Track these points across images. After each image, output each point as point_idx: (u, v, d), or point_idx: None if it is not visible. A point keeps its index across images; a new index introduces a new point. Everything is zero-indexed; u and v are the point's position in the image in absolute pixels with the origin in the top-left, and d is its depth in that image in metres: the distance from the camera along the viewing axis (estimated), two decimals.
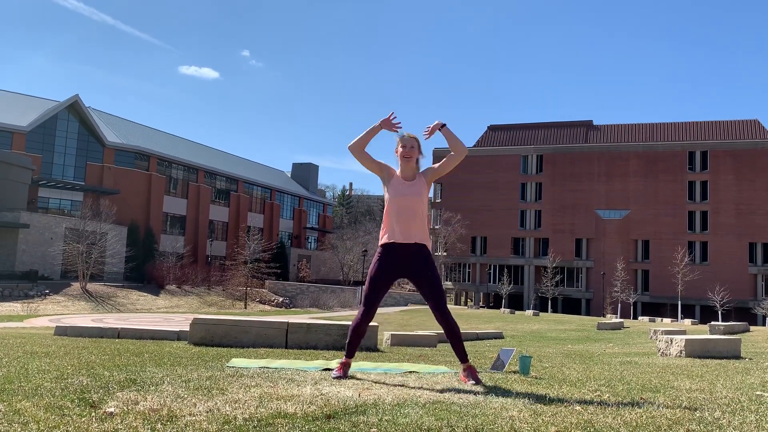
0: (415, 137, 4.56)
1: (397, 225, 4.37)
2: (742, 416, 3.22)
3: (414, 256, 4.36)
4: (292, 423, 2.73)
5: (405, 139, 4.51)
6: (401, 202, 4.39)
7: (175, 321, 27.96)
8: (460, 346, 4.42)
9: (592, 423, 2.91)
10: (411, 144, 4.50)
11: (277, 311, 50.00)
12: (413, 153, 4.49)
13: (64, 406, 3.00)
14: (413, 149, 4.50)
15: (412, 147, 4.49)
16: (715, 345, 8.01)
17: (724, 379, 5.07)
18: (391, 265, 4.37)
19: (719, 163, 69.76)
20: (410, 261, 4.36)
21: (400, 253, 4.36)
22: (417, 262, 4.36)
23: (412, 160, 4.48)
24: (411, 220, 4.37)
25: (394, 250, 4.37)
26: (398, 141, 4.54)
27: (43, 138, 55.93)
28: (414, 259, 4.36)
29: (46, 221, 49.19)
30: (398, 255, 4.36)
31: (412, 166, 4.50)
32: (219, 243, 70.98)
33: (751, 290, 66.73)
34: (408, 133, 4.56)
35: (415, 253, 4.36)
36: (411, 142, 4.51)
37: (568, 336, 19.69)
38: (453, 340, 4.43)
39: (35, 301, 40.29)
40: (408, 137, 4.52)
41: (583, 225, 74.08)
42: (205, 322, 8.00)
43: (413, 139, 4.53)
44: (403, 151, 4.48)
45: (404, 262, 4.37)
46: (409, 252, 4.36)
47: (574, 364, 6.72)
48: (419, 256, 4.37)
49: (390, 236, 4.39)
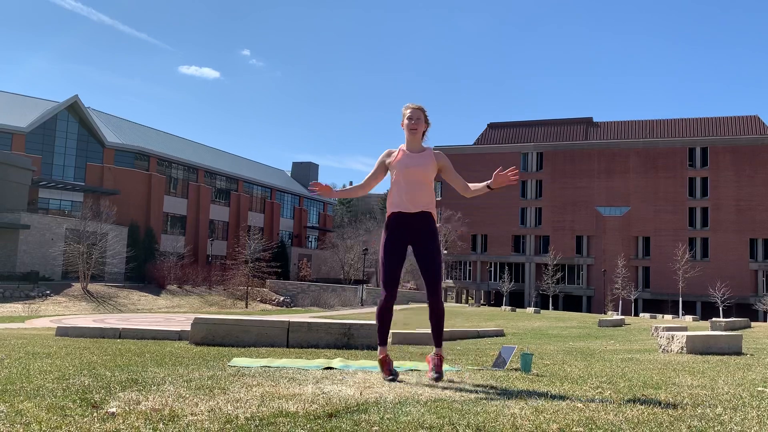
0: (421, 108, 4.50)
1: (404, 194, 4.36)
2: (743, 412, 3.21)
3: (420, 224, 4.37)
4: (293, 422, 2.73)
5: (411, 111, 4.46)
6: (407, 172, 4.37)
7: (176, 321, 27.96)
8: (440, 331, 4.41)
9: (594, 420, 2.91)
10: (417, 116, 4.45)
11: (278, 310, 50.03)
12: (419, 125, 4.44)
13: (65, 406, 3.00)
14: (419, 121, 4.44)
15: (418, 119, 4.44)
16: (717, 341, 8.01)
17: (725, 376, 5.07)
18: (401, 234, 4.37)
19: (719, 159, 69.72)
20: (417, 229, 4.37)
21: (407, 220, 4.37)
22: (423, 232, 4.37)
23: (418, 132, 4.44)
24: (417, 189, 4.36)
25: (402, 218, 4.37)
26: (404, 112, 4.49)
27: (43, 139, 55.94)
28: (420, 227, 4.37)
29: (46, 222, 49.20)
30: (406, 222, 4.37)
31: (419, 138, 4.46)
32: (219, 243, 71.00)
33: (752, 286, 66.71)
34: (413, 104, 4.51)
35: (421, 220, 4.37)
36: (417, 114, 4.46)
37: (569, 333, 19.69)
38: (436, 323, 4.40)
39: (36, 302, 40.31)
40: (414, 108, 4.47)
41: (584, 222, 74.06)
42: (207, 321, 8.00)
43: (419, 111, 4.48)
44: (410, 123, 4.43)
45: (412, 229, 4.36)
46: (415, 220, 4.36)
47: (575, 361, 6.72)
48: (425, 225, 4.37)
49: (397, 205, 4.39)
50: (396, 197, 4.40)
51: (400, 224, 4.37)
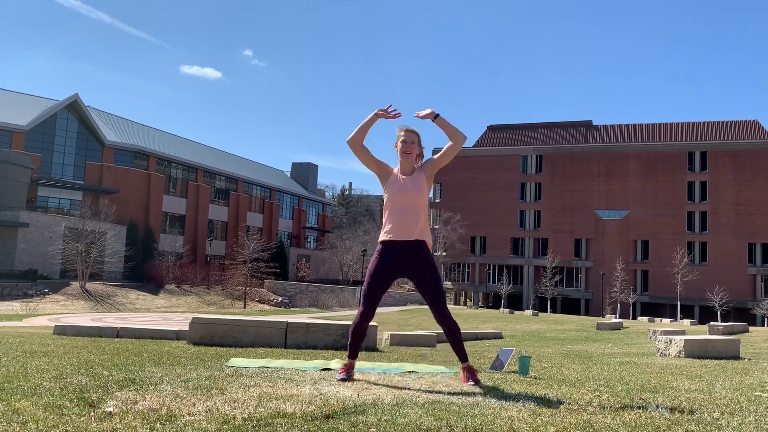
0: (416, 132, 4.46)
1: (396, 221, 4.30)
2: (741, 417, 3.22)
3: (414, 252, 4.28)
4: (291, 423, 2.73)
5: (405, 133, 4.41)
6: (400, 198, 4.32)
7: (174, 320, 27.94)
8: (460, 345, 4.37)
9: (591, 423, 2.91)
10: (411, 139, 4.40)
11: (276, 311, 50.00)
12: (413, 149, 4.39)
13: (63, 405, 3.00)
14: (413, 144, 4.39)
15: (412, 142, 4.39)
16: (714, 345, 8.01)
17: (723, 380, 5.07)
18: (391, 263, 4.28)
19: (719, 163, 69.78)
20: (410, 258, 4.28)
21: (400, 250, 4.28)
22: (416, 259, 4.28)
23: (411, 155, 4.39)
24: (410, 216, 4.29)
25: (394, 247, 4.29)
26: (398, 134, 4.44)
27: (43, 137, 55.91)
28: (413, 256, 4.28)
29: (45, 220, 49.17)
30: (398, 252, 4.28)
31: (412, 161, 4.41)
32: (218, 242, 70.96)
33: (750, 291, 66.75)
34: (408, 126, 4.45)
35: (414, 249, 4.28)
36: (411, 137, 4.41)
37: (568, 336, 19.70)
38: (452, 340, 4.37)
39: (34, 300, 40.27)
40: (408, 131, 4.42)
41: (583, 225, 74.09)
42: (205, 321, 7.99)
43: (413, 134, 4.43)
44: (403, 147, 4.38)
45: (404, 260, 4.28)
46: (408, 248, 4.28)
47: (573, 364, 6.72)
48: (419, 253, 4.29)
49: (389, 233, 4.31)
50: (390, 225, 4.33)
51: (393, 253, 4.30)
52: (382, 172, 4.48)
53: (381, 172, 4.48)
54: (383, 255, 4.32)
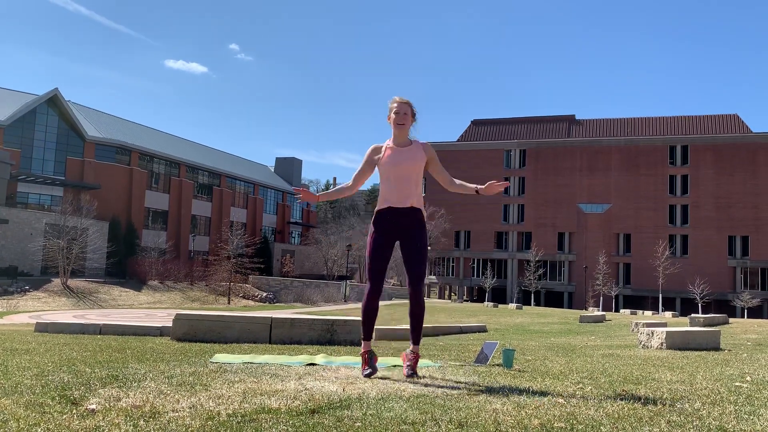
0: (408, 102, 4.43)
1: (392, 190, 4.33)
2: (721, 407, 3.26)
3: (408, 220, 4.32)
4: (276, 418, 2.72)
5: (398, 105, 4.38)
6: (394, 168, 4.33)
7: (157, 317, 27.72)
8: (419, 328, 4.39)
9: (575, 415, 2.93)
10: (404, 110, 4.37)
11: (260, 306, 49.81)
12: (406, 120, 4.37)
13: (44, 403, 2.97)
14: (406, 115, 4.37)
15: (405, 113, 4.37)
16: (695, 337, 8.10)
17: (703, 371, 5.13)
18: (388, 229, 4.32)
19: (699, 157, 70.56)
20: (404, 223, 4.32)
21: (396, 216, 4.32)
22: (411, 226, 4.32)
23: (405, 126, 4.38)
24: (406, 185, 4.32)
25: (392, 214, 4.32)
26: (390, 106, 4.42)
27: (22, 132, 55.13)
28: (408, 222, 4.32)
29: (25, 216, 48.55)
30: (393, 218, 4.32)
31: (406, 132, 4.40)
32: (202, 238, 70.54)
33: (730, 283, 67.66)
34: (400, 97, 4.42)
35: (409, 216, 4.32)
36: (404, 108, 4.38)
37: (551, 329, 19.83)
38: (414, 321, 4.38)
39: (15, 298, 39.77)
40: (401, 103, 4.39)
41: (566, 219, 74.62)
42: (188, 317, 7.95)
43: (406, 105, 4.40)
44: (396, 118, 4.36)
45: (398, 226, 4.32)
46: (403, 215, 4.32)
47: (556, 356, 6.77)
48: (414, 220, 4.33)
49: (385, 202, 4.34)
50: (386, 193, 4.36)
51: (389, 220, 4.33)
52: (374, 160, 4.43)
53: (374, 159, 4.43)
54: (379, 225, 4.34)
